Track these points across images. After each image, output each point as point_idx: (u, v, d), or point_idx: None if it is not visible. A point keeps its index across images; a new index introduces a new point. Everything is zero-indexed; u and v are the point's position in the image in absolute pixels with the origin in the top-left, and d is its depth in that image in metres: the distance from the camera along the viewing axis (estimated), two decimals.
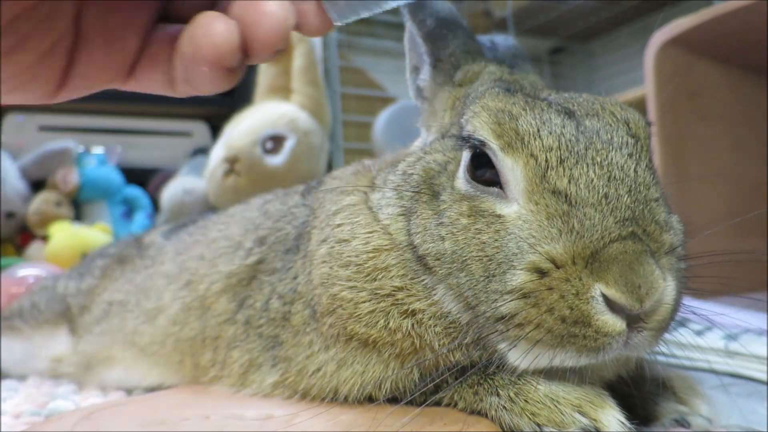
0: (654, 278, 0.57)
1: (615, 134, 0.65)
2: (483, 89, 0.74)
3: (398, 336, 0.69)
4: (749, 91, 1.80)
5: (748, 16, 1.48)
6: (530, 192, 0.62)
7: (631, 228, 0.59)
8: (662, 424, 0.74)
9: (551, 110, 0.66)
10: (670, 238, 0.62)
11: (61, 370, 1.24)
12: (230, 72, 0.52)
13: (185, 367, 0.99)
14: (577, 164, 0.62)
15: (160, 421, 0.73)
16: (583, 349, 0.59)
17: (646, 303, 0.57)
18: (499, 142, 0.64)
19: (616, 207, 0.60)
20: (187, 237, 1.17)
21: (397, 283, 0.69)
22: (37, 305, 1.35)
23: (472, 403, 0.68)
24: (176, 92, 0.57)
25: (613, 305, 0.57)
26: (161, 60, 0.55)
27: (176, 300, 1.03)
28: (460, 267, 0.64)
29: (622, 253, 0.57)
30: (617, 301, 0.57)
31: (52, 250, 2.30)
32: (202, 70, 0.51)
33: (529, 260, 0.60)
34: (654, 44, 1.65)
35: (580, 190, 0.60)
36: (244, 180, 2.21)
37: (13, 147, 2.83)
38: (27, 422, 0.93)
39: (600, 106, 0.68)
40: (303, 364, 0.77)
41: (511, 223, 0.62)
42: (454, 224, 0.65)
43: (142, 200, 2.86)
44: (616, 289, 0.56)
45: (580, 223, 0.59)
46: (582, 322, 0.58)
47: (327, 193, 0.82)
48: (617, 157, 0.63)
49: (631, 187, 0.61)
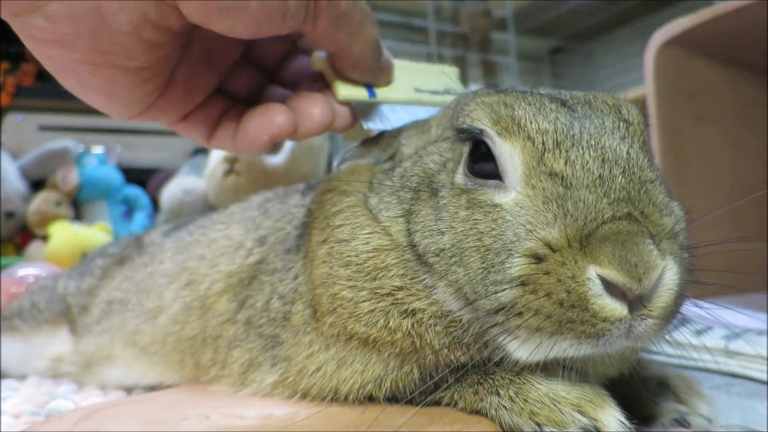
0: (651, 257, 0.56)
1: (607, 119, 0.65)
2: (473, 92, 0.76)
3: (398, 335, 0.69)
4: (749, 91, 1.80)
5: (748, 16, 1.48)
6: (528, 176, 0.62)
7: (627, 209, 0.58)
8: (662, 424, 0.74)
9: (545, 99, 0.67)
10: (671, 222, 0.61)
11: (62, 369, 1.24)
12: (275, 145, 0.77)
13: (185, 366, 1.00)
14: (573, 147, 0.62)
15: (160, 420, 0.73)
16: (582, 335, 0.57)
17: (644, 282, 0.55)
18: (497, 128, 0.65)
19: (611, 188, 0.59)
20: (186, 236, 1.17)
21: (397, 282, 0.69)
22: (37, 305, 1.35)
23: (472, 403, 0.68)
24: (209, 145, 0.80)
25: (611, 288, 0.56)
26: (210, 118, 0.79)
27: (177, 299, 1.03)
28: (459, 261, 0.64)
29: (614, 233, 0.56)
30: (613, 280, 0.55)
31: (52, 249, 2.30)
32: (263, 139, 0.74)
33: (527, 247, 0.59)
34: (654, 44, 1.65)
35: (576, 172, 0.60)
36: (244, 180, 2.21)
37: (13, 147, 2.83)
38: (27, 422, 0.94)
39: (592, 97, 0.69)
40: (303, 363, 0.77)
41: (509, 210, 0.62)
42: (453, 218, 0.65)
43: (142, 200, 2.86)
44: (610, 268, 0.55)
45: (575, 205, 0.59)
46: (579, 306, 0.56)
47: (326, 194, 0.82)
48: (610, 140, 0.63)
49: (625, 168, 0.61)
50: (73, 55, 0.62)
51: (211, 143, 0.80)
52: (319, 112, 0.76)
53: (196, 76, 0.75)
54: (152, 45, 0.64)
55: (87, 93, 0.68)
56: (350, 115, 0.81)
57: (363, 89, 0.81)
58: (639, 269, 0.55)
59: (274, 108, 0.74)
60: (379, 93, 0.82)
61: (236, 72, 0.82)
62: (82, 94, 0.68)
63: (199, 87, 0.77)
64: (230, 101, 0.81)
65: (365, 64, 0.78)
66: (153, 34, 0.63)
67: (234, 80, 0.82)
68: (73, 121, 3.15)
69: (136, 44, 0.63)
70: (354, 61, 0.76)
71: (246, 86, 0.84)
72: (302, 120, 0.76)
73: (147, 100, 0.71)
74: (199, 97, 0.77)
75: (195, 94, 0.76)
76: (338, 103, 0.79)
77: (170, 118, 0.77)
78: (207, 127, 0.79)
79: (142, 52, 0.64)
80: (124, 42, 0.62)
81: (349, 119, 0.81)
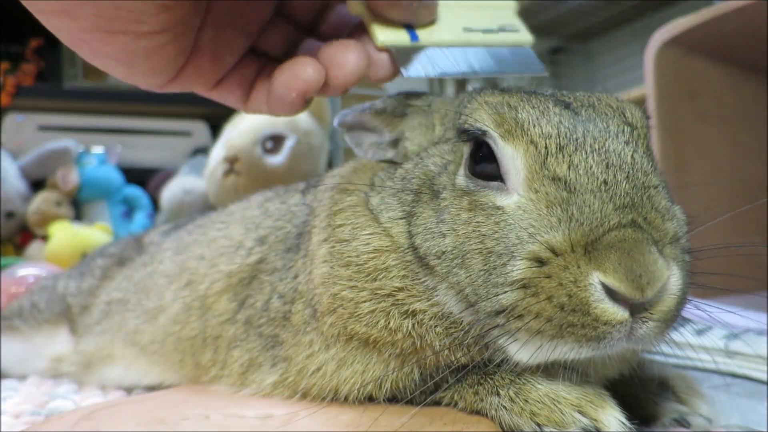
0: (656, 267, 0.56)
1: (611, 123, 0.65)
2: (476, 91, 0.75)
3: (399, 336, 0.69)
4: (749, 91, 1.80)
5: (748, 16, 1.48)
6: (530, 180, 0.62)
7: (631, 215, 0.58)
8: (662, 424, 0.74)
9: (549, 101, 0.66)
10: (674, 227, 0.61)
11: (62, 369, 1.24)
12: (307, 101, 0.70)
13: (185, 366, 1.00)
14: (576, 151, 0.62)
15: (159, 420, 0.73)
16: (583, 338, 0.57)
17: (648, 293, 0.56)
18: (500, 131, 0.65)
19: (615, 193, 0.59)
20: (186, 236, 1.17)
21: (398, 283, 0.69)
22: (37, 305, 1.35)
23: (472, 403, 0.68)
24: (246, 109, 0.76)
25: (614, 294, 0.56)
26: (245, 80, 0.74)
27: (177, 300, 1.03)
28: (461, 263, 0.64)
29: (620, 241, 0.56)
30: (616, 289, 0.55)
31: (52, 249, 2.30)
32: (291, 96, 0.68)
33: (529, 250, 0.59)
34: (654, 44, 1.65)
35: (580, 177, 0.60)
36: (244, 180, 2.21)
37: (13, 147, 2.83)
38: (27, 422, 0.94)
39: (596, 99, 0.68)
40: (303, 363, 0.77)
41: (511, 213, 0.62)
42: (455, 220, 0.65)
43: (142, 200, 2.86)
44: (614, 278, 0.55)
45: (580, 210, 0.59)
46: (580, 310, 0.56)
47: (327, 192, 0.82)
48: (614, 145, 0.63)
49: (629, 173, 0.61)
50: (79, 24, 0.60)
51: (248, 107, 0.76)
52: (353, 59, 0.68)
53: (224, 38, 0.70)
54: (162, 7, 0.60)
55: (104, 62, 0.65)
56: (390, 63, 0.72)
57: (404, 32, 0.72)
58: (643, 280, 0.55)
59: (302, 61, 0.68)
60: (423, 35, 0.73)
61: (270, 30, 0.77)
62: (100, 64, 0.65)
63: (229, 50, 0.72)
64: (265, 61, 0.76)
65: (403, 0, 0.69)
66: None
67: (268, 39, 0.77)
68: (73, 121, 3.15)
69: (142, 7, 0.59)
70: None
71: (282, 44, 0.78)
72: (334, 70, 0.68)
73: (171, 67, 0.67)
74: (230, 61, 0.72)
75: (225, 57, 0.72)
76: (377, 49, 0.71)
77: (202, 85, 0.72)
78: (242, 91, 0.74)
79: (152, 16, 0.60)
80: (129, 6, 0.58)
81: (389, 68, 0.72)
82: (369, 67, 0.70)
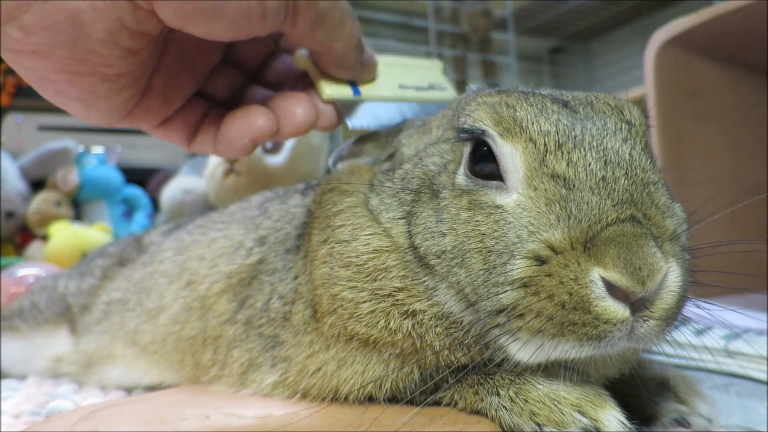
0: (655, 260, 0.56)
1: (609, 120, 0.65)
2: (474, 91, 0.76)
3: (399, 336, 0.69)
4: (749, 91, 1.80)
5: (748, 16, 1.48)
6: (529, 178, 0.62)
7: (630, 211, 0.58)
8: (662, 424, 0.74)
9: (546, 100, 0.67)
10: (673, 224, 0.61)
11: (62, 369, 1.24)
12: (256, 146, 0.75)
13: (186, 366, 1.00)
14: (574, 148, 0.62)
15: (160, 420, 0.73)
16: (584, 337, 0.57)
17: (648, 285, 0.56)
18: (498, 129, 0.65)
19: (614, 190, 0.59)
20: (186, 236, 1.17)
21: (398, 284, 0.69)
22: (37, 305, 1.35)
23: (472, 403, 0.68)
24: (189, 149, 0.79)
25: (614, 291, 0.56)
26: (190, 121, 0.78)
27: (177, 300, 1.03)
28: (461, 262, 0.64)
29: (619, 235, 0.56)
30: (617, 283, 0.55)
31: (52, 249, 2.30)
32: (243, 141, 0.73)
33: (529, 249, 0.59)
34: (654, 44, 1.65)
35: (579, 174, 0.60)
36: (244, 180, 2.21)
37: (13, 147, 2.83)
38: (27, 422, 0.94)
39: (594, 97, 0.69)
40: (303, 363, 0.77)
41: (510, 212, 0.62)
42: (455, 219, 0.65)
43: (142, 200, 2.86)
44: (614, 271, 0.55)
45: (578, 207, 0.59)
46: (581, 308, 0.56)
47: (327, 193, 0.82)
48: (612, 142, 0.63)
49: (628, 170, 0.61)
50: (50, 65, 0.61)
51: (191, 147, 0.79)
52: (302, 112, 0.75)
53: (174, 80, 0.75)
54: (130, 51, 0.63)
55: (64, 101, 0.67)
56: (335, 113, 0.80)
57: (347, 87, 0.80)
58: (643, 272, 0.55)
59: (255, 110, 0.74)
60: (364, 90, 0.82)
61: (217, 74, 0.81)
62: (60, 103, 0.67)
63: (178, 92, 0.76)
64: (211, 104, 0.80)
65: (348, 62, 0.77)
66: (130, 41, 0.62)
67: (214, 83, 0.81)
68: (73, 121, 3.14)
69: (113, 51, 0.62)
70: (336, 58, 0.76)
71: (227, 88, 0.83)
72: (284, 120, 0.75)
73: (125, 107, 0.70)
74: (177, 102, 0.76)
75: (173, 99, 0.75)
76: (323, 101, 0.79)
77: (149, 123, 0.76)
78: (187, 132, 0.78)
79: (120, 59, 0.63)
80: (101, 50, 0.61)
81: (334, 118, 0.80)
82: (318, 117, 0.78)
